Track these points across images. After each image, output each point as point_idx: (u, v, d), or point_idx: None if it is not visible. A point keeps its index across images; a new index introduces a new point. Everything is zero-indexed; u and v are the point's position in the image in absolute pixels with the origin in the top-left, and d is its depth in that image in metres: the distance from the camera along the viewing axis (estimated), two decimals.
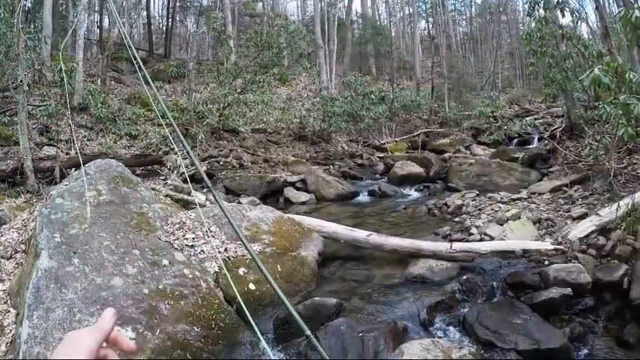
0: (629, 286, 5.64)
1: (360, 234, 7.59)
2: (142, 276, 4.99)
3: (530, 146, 19.64)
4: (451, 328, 5.52)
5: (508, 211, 9.28)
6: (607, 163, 10.02)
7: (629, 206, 7.10)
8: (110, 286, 4.71)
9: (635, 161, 10.46)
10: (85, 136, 14.87)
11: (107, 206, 5.81)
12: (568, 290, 5.56)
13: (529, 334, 4.86)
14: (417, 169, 16.00)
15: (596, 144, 10.53)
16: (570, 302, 5.62)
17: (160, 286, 4.96)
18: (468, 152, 20.71)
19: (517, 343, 4.75)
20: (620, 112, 6.54)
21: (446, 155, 19.29)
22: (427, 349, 4.24)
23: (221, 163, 15.58)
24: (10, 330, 4.81)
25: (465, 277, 6.32)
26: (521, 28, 45.09)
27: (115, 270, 4.93)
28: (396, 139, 23.51)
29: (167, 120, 16.41)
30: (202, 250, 5.89)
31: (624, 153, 10.76)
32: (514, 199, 10.58)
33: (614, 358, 4.86)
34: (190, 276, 5.24)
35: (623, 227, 6.92)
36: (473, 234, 8.53)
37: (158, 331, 4.50)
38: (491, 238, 8.04)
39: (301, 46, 19.84)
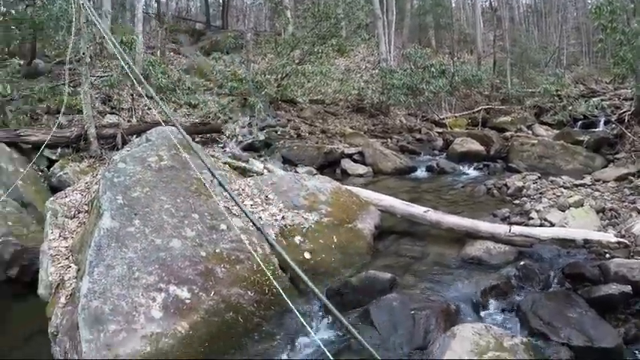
0: None
1: (418, 210, 7.47)
2: (199, 239, 5.07)
3: (596, 129, 18.55)
4: (504, 314, 5.39)
5: (570, 197, 8.95)
6: None
7: None
8: (169, 248, 4.81)
9: None
10: (145, 105, 15.13)
11: (168, 171, 5.90)
12: (628, 288, 5.26)
13: (583, 329, 4.65)
14: (477, 146, 15.55)
15: None
16: (629, 301, 5.29)
17: (217, 250, 5.04)
18: (530, 132, 19.89)
19: (570, 337, 4.57)
20: None
21: (507, 134, 18.50)
22: (479, 334, 4.13)
23: (279, 132, 15.62)
24: (71, 284, 4.97)
25: (522, 263, 6.15)
26: (589, 1, 43.35)
27: (174, 232, 5.02)
28: (456, 115, 22.90)
29: (226, 90, 16.75)
30: (260, 217, 5.93)
31: None
32: (577, 185, 10.18)
33: None
34: (247, 241, 5.28)
35: None
36: (533, 218, 8.25)
37: (213, 292, 4.59)
38: (552, 225, 7.77)
39: (359, 17, 19.62)
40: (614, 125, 15.03)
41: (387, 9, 27.17)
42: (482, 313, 5.35)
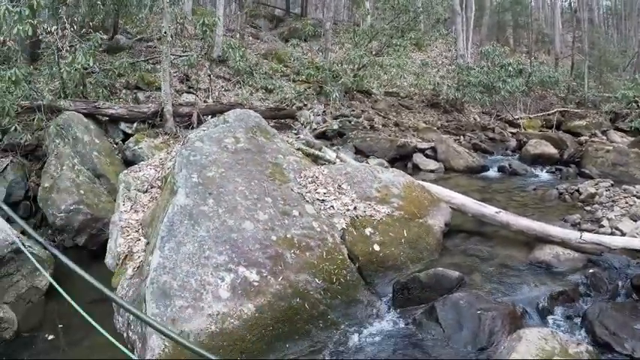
0: None
1: (489, 210, 7.31)
2: (271, 223, 5.09)
3: None
4: (569, 321, 5.21)
5: None
6: None
7: None
8: (241, 229, 4.85)
9: None
10: (222, 87, 15.38)
11: (244, 153, 5.95)
12: None
13: None
14: (550, 149, 15.22)
15: None
16: None
17: (287, 235, 5.04)
18: (605, 138, 19.32)
19: (635, 350, 4.42)
20: None
21: (581, 138, 18.20)
22: (545, 339, 4.05)
23: (352, 122, 15.57)
24: (139, 257, 5.10)
25: (591, 271, 5.97)
26: None
27: (247, 214, 5.05)
28: (530, 116, 22.43)
29: (303, 77, 16.82)
30: (332, 206, 5.90)
31: None
32: None
33: None
34: (318, 229, 5.28)
35: None
36: (604, 226, 7.94)
37: (281, 277, 4.60)
38: (623, 234, 7.43)
39: (438, 12, 19.48)
40: None
41: (467, 5, 26.87)
42: (547, 319, 5.21)
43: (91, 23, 11.02)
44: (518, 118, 21.71)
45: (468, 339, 4.52)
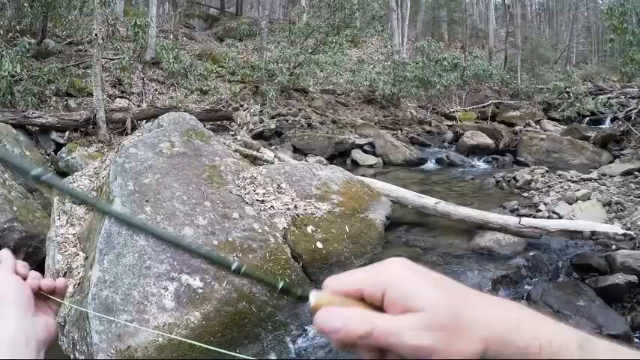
0: None
1: (429, 201, 7.46)
2: (212, 227, 5.00)
3: (603, 126, 18.99)
4: (515, 303, 5.41)
5: (578, 190, 9.09)
6: None
7: None
8: (181, 236, 4.74)
9: None
10: (156, 90, 15.12)
11: (180, 158, 5.84)
12: (634, 278, 5.39)
13: (592, 317, 4.77)
14: (486, 140, 15.63)
15: None
16: (634, 290, 5.44)
17: (229, 239, 4.97)
18: (538, 127, 20.17)
19: (579, 325, 4.58)
20: None
21: (516, 128, 18.83)
22: None
23: (290, 121, 15.59)
24: (79, 272, 4.92)
25: (531, 254, 6.22)
26: (600, 1, 43.41)
27: (186, 220, 4.96)
28: (466, 109, 23.02)
29: (238, 77, 16.70)
30: (272, 206, 5.87)
31: None
32: (584, 179, 10.26)
33: None
34: (259, 230, 5.23)
35: None
36: (541, 211, 8.35)
37: (225, 282, 4.50)
38: (560, 217, 7.84)
39: (374, 9, 19.68)
40: (620, 122, 15.28)
41: (402, 2, 27.25)
42: None
43: (18, 27, 10.64)
44: (454, 111, 22.18)
45: None
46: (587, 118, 21.28)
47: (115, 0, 15.44)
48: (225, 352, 3.98)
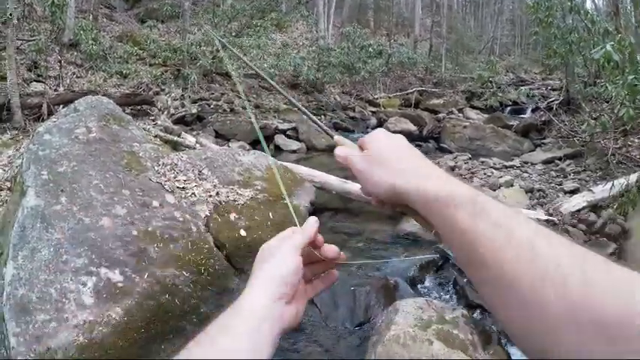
0: None
1: (353, 186, 7.49)
2: (131, 217, 4.81)
3: (524, 116, 19.75)
4: (441, 288, 5.53)
5: (501, 177, 9.37)
6: (602, 142, 10.37)
7: (623, 187, 7.23)
8: (98, 227, 4.53)
9: (630, 143, 10.66)
10: (74, 73, 14.57)
11: (97, 144, 5.60)
12: None
13: None
14: (410, 126, 15.98)
15: (594, 121, 10.74)
16: None
17: (149, 228, 4.80)
18: (461, 115, 20.62)
19: None
20: (625, 92, 6.62)
21: (439, 116, 19.16)
22: (421, 308, 4.18)
23: (212, 106, 15.37)
24: None
25: None
26: None
27: (104, 210, 4.74)
28: (390, 95, 23.34)
29: (160, 60, 16.29)
30: (194, 193, 5.73)
31: (620, 133, 10.85)
32: (507, 167, 10.64)
33: None
34: (181, 219, 5.09)
35: (615, 207, 7.04)
36: None
37: (146, 274, 4.36)
38: None
39: None
40: (542, 112, 15.89)
41: None
42: (420, 288, 5.47)
43: None
44: (378, 98, 22.44)
45: (345, 316, 4.63)
46: (509, 108, 22.05)
47: None
48: None
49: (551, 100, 17.13)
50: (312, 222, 0.94)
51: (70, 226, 4.42)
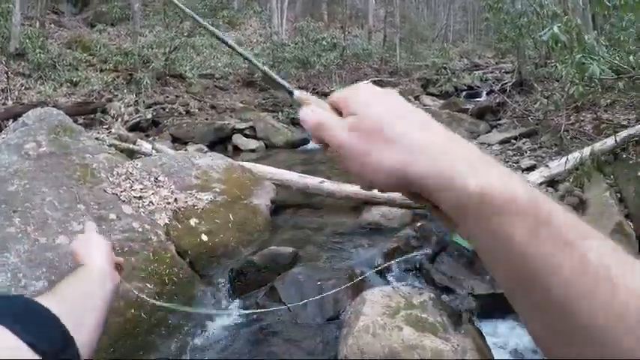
0: None
1: (313, 181, 7.62)
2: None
3: (479, 99, 20.03)
4: (408, 274, 5.58)
5: None
6: (556, 119, 10.67)
7: (578, 160, 7.49)
8: (55, 246, 4.39)
9: (582, 118, 10.87)
10: (22, 85, 14.22)
11: (48, 158, 5.46)
12: None
13: (485, 279, 4.97)
14: None
15: (546, 100, 11.25)
16: None
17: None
18: (418, 102, 20.78)
19: (473, 287, 4.92)
20: (574, 70, 6.91)
21: None
22: (389, 296, 4.23)
23: (167, 109, 15.19)
24: None
25: (418, 224, 6.40)
26: None
27: (60, 228, 4.61)
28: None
29: (111, 65, 16.02)
30: (151, 202, 5.64)
31: (572, 110, 11.16)
32: None
33: None
34: (140, 230, 5.01)
35: (571, 180, 7.31)
36: None
37: None
38: None
39: None
40: (496, 95, 16.15)
41: None
42: (387, 276, 5.49)
43: None
44: (334, 90, 22.29)
45: (315, 312, 4.61)
46: (465, 93, 22.29)
47: None
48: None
49: (504, 82, 17.53)
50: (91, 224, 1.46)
51: (25, 248, 4.28)
